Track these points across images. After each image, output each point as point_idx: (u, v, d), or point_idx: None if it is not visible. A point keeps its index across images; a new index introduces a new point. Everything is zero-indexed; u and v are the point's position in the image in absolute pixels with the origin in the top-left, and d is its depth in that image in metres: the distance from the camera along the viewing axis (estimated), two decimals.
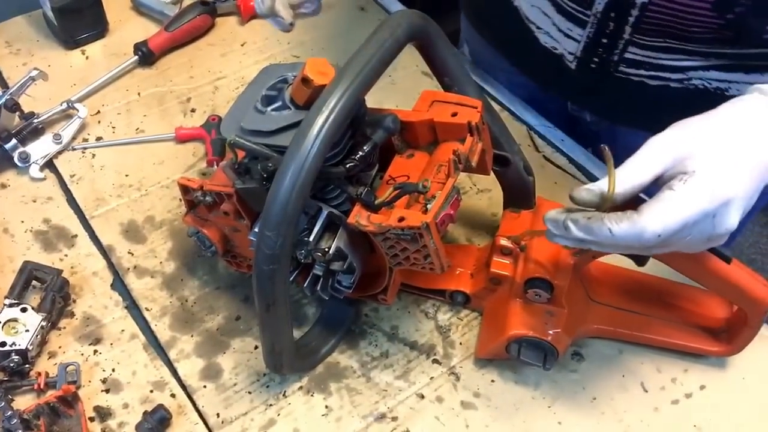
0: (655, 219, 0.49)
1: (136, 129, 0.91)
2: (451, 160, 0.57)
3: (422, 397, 0.68)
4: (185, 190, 0.67)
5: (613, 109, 0.88)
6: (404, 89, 0.94)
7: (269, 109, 0.58)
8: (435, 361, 0.71)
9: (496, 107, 0.95)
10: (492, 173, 0.71)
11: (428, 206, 0.56)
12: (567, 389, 0.70)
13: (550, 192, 0.83)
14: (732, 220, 0.51)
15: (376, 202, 0.57)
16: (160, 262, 0.78)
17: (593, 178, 0.87)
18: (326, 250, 0.61)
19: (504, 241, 0.68)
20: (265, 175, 0.56)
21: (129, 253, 0.78)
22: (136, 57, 0.98)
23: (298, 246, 0.62)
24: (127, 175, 0.86)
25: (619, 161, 0.53)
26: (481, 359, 0.71)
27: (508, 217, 0.73)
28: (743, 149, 0.51)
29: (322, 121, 0.52)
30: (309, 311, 0.74)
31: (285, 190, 0.51)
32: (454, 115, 0.62)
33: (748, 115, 0.54)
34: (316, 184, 0.55)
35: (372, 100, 0.61)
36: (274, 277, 0.54)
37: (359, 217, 0.57)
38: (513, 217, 0.73)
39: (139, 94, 0.95)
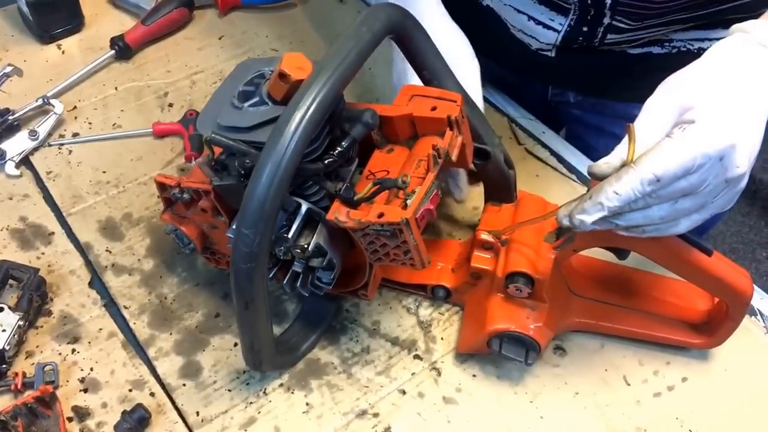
0: (652, 163, 0.49)
1: (113, 124, 0.90)
2: (430, 155, 0.57)
3: (404, 392, 0.68)
4: (162, 187, 0.66)
5: (598, 85, 0.89)
6: (385, 83, 0.93)
7: (246, 104, 0.57)
8: (416, 356, 0.71)
9: None
10: (473, 167, 0.70)
11: (408, 202, 0.55)
12: (549, 384, 0.70)
13: (532, 185, 0.83)
14: (740, 161, 0.51)
15: (356, 198, 0.57)
16: (138, 260, 0.77)
17: (574, 171, 0.87)
18: (305, 246, 0.60)
19: (485, 236, 0.68)
20: (242, 172, 0.55)
21: (107, 250, 0.77)
22: (113, 51, 0.96)
23: (277, 242, 0.61)
24: (104, 172, 0.85)
25: (608, 135, 0.53)
26: (462, 354, 0.70)
27: (490, 210, 0.73)
28: (740, 92, 0.52)
29: (300, 117, 0.51)
30: (289, 307, 0.74)
31: (262, 187, 0.50)
32: (434, 109, 0.61)
33: (737, 57, 0.54)
34: (294, 181, 0.55)
35: (350, 95, 0.61)
36: (252, 275, 0.53)
37: (338, 214, 0.57)
38: (494, 210, 0.72)
39: (116, 88, 0.94)
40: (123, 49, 0.96)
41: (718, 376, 0.71)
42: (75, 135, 0.88)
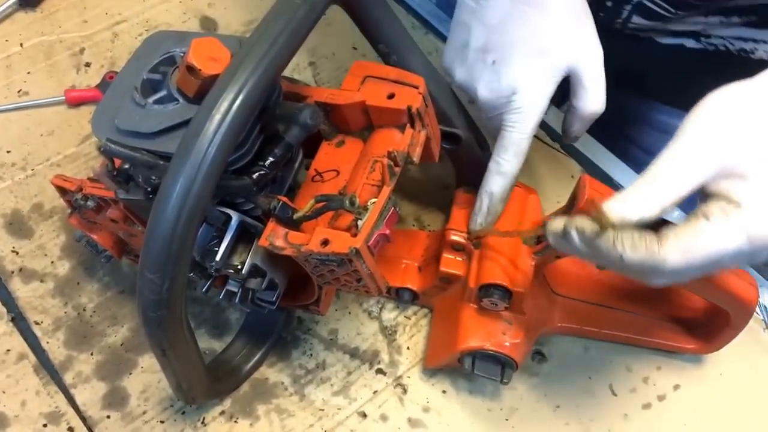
0: (679, 254, 0.39)
1: (18, 91, 0.76)
2: (385, 166, 0.46)
3: (364, 415, 0.60)
4: (62, 191, 0.54)
5: (617, 74, 0.75)
6: (343, 32, 0.80)
7: (151, 100, 0.45)
8: (379, 371, 0.62)
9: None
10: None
11: (359, 222, 0.45)
12: (527, 397, 0.62)
13: None
14: (766, 259, 0.41)
15: (295, 216, 0.46)
16: (52, 262, 0.65)
17: (557, 137, 0.76)
18: (239, 267, 0.50)
19: (455, 236, 0.58)
20: (149, 189, 0.44)
21: (13, 251, 0.66)
22: None
23: (206, 257, 0.51)
24: (8, 152, 0.72)
25: (622, 137, 0.40)
26: None
27: (460, 200, 0.62)
28: None
29: (215, 126, 0.39)
30: (232, 316, 0.64)
31: (168, 220, 0.39)
32: (391, 96, 0.50)
33: None
34: (215, 199, 0.44)
35: (302, 47, 0.47)
36: (165, 324, 0.43)
37: (274, 238, 0.46)
38: (465, 201, 0.62)
39: (21, 45, 0.79)
40: None
41: (713, 382, 0.64)
42: None
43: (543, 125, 0.78)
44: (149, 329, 0.43)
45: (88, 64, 0.79)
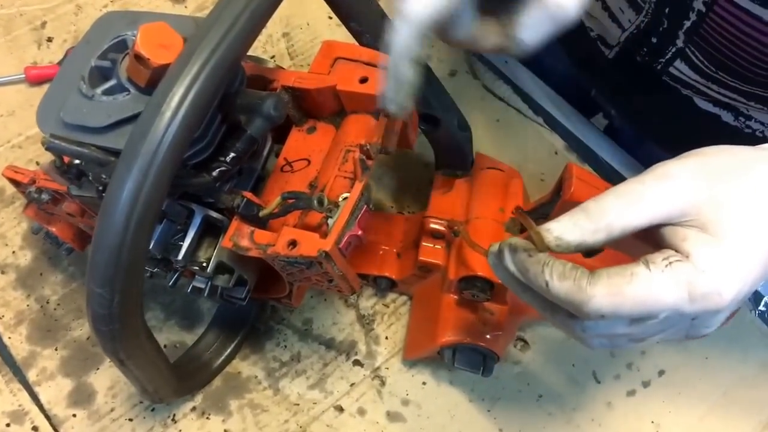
0: (607, 295, 0.35)
1: None
2: (357, 160, 0.43)
3: (341, 410, 0.58)
4: (14, 183, 0.51)
5: (645, 118, 0.70)
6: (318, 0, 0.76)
7: (99, 91, 0.41)
8: (356, 362, 0.60)
9: None
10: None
11: (330, 221, 0.42)
12: (509, 387, 0.60)
13: (492, 133, 0.69)
14: (716, 325, 0.38)
15: (261, 214, 0.43)
16: (13, 252, 0.62)
17: (541, 112, 0.73)
18: (204, 264, 0.47)
19: (435, 224, 0.56)
20: (100, 188, 0.41)
21: None
22: None
23: (170, 252, 0.48)
24: None
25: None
26: None
27: (440, 185, 0.60)
28: (764, 244, 0.36)
29: (165, 123, 0.36)
30: (203, 306, 0.62)
31: (115, 231, 0.36)
32: (364, 80, 0.46)
33: None
34: (171, 197, 0.41)
35: (275, 17, 0.42)
36: (119, 336, 0.40)
37: (238, 238, 0.43)
38: (445, 185, 0.59)
39: None
40: None
41: (698, 365, 0.62)
42: None
43: (525, 97, 0.74)
44: (103, 342, 0.40)
45: (50, 39, 0.74)
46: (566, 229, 0.36)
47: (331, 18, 0.77)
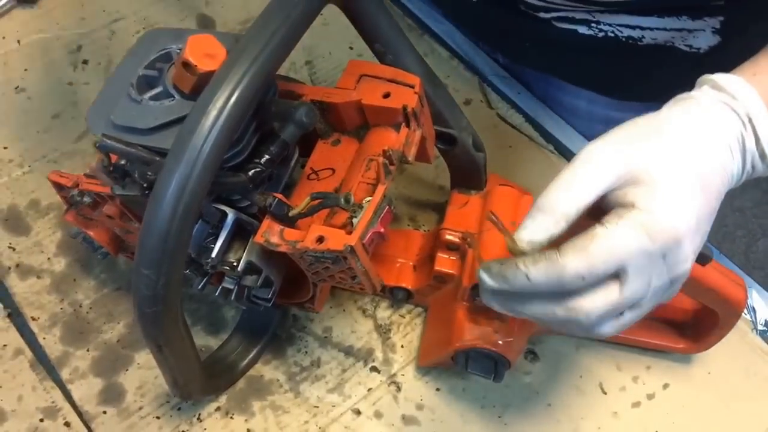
0: (578, 256, 0.39)
1: (16, 88, 0.76)
2: (380, 164, 0.46)
3: (359, 413, 0.60)
4: (58, 187, 0.54)
5: (523, 53, 0.77)
6: (339, 31, 0.80)
7: (146, 96, 0.45)
8: (373, 368, 0.62)
9: (445, 54, 0.83)
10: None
11: (354, 220, 0.45)
12: (519, 395, 0.62)
13: (504, 157, 0.73)
14: (690, 259, 0.42)
15: (291, 213, 0.46)
16: (48, 258, 0.66)
17: (552, 140, 0.77)
18: (234, 264, 0.50)
19: (450, 236, 0.59)
20: (145, 185, 0.44)
21: (9, 247, 0.66)
22: None
23: (202, 254, 0.51)
24: (5, 148, 0.72)
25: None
26: None
27: (456, 201, 0.63)
28: (696, 177, 0.42)
29: (211, 122, 0.40)
30: (227, 314, 0.64)
31: (163, 217, 0.39)
32: (387, 96, 0.50)
33: (702, 130, 0.44)
34: (210, 196, 0.44)
35: (298, 46, 0.47)
36: (161, 320, 0.43)
37: (269, 234, 0.46)
38: (460, 202, 0.63)
39: (18, 41, 0.80)
40: None
41: (702, 380, 0.64)
42: None
43: (537, 126, 0.78)
44: (145, 325, 0.44)
45: (85, 62, 0.79)
46: (533, 230, 0.41)
47: (352, 48, 0.82)
